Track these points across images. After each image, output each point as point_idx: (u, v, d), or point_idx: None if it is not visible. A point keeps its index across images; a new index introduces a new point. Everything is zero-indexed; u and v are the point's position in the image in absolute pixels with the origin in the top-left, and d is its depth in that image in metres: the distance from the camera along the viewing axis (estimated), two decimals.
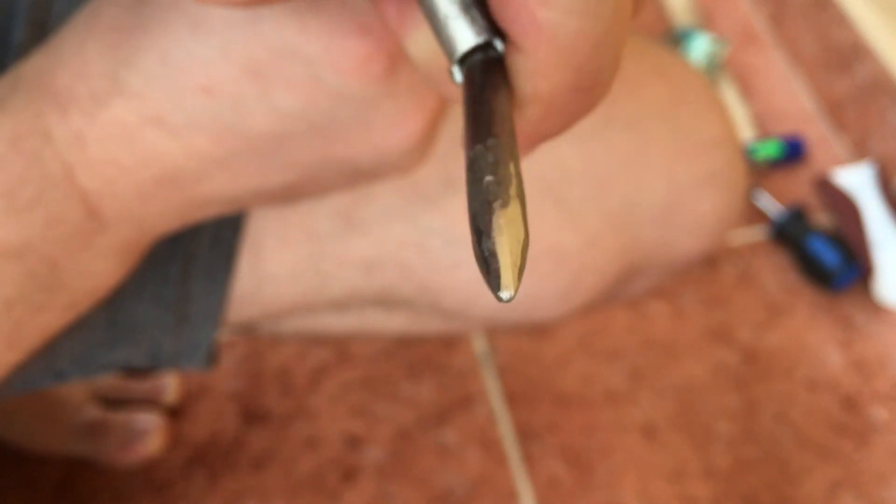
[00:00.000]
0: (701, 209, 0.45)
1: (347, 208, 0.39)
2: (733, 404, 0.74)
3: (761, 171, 0.88)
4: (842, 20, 0.89)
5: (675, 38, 0.93)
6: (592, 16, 0.19)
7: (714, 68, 0.90)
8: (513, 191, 0.17)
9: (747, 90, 0.94)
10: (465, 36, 0.20)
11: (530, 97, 0.20)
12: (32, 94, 0.27)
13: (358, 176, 0.32)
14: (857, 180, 0.85)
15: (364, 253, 0.40)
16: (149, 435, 0.68)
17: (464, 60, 0.20)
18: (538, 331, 0.78)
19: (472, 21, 0.20)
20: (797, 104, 0.94)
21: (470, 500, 0.68)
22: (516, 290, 0.16)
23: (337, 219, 0.39)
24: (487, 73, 0.19)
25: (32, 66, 0.28)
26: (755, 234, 0.85)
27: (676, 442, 0.71)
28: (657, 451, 0.71)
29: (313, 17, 0.25)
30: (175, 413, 0.72)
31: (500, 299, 0.16)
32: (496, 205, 0.16)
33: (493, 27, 0.20)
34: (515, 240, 0.16)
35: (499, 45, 0.20)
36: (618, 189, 0.42)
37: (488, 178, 0.17)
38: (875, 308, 0.80)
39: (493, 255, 0.16)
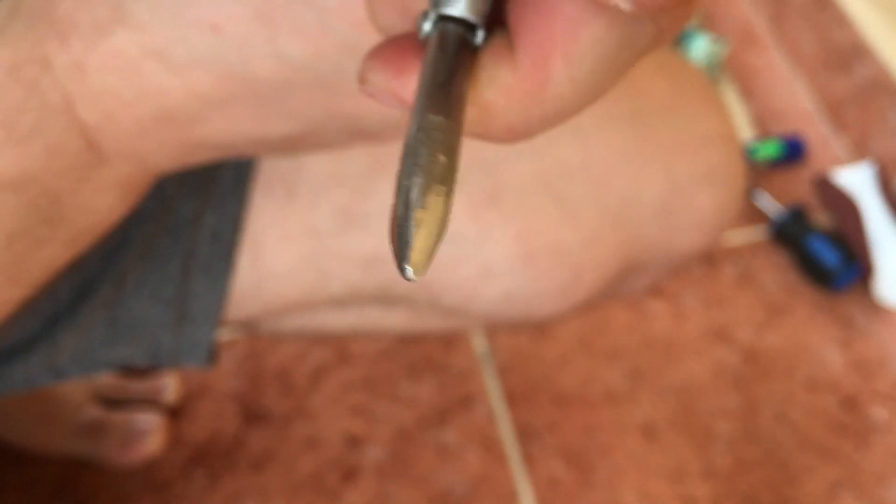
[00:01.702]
0: (700, 205, 0.45)
1: (348, 204, 0.39)
2: (733, 404, 0.74)
3: (761, 171, 0.88)
4: (842, 20, 0.89)
5: (675, 38, 0.93)
6: (600, 82, 0.19)
7: (714, 68, 0.90)
8: (447, 179, 0.17)
9: (747, 90, 0.94)
10: (458, 2, 0.19)
11: (482, 103, 0.19)
12: (32, 20, 0.27)
13: (361, 134, 0.31)
14: (857, 180, 0.85)
15: (364, 249, 0.40)
16: (149, 435, 0.68)
17: (440, 21, 0.19)
18: (538, 329, 0.78)
19: None
20: (797, 104, 0.94)
21: (470, 499, 0.68)
22: (423, 273, 0.16)
23: (337, 215, 0.39)
24: (461, 50, 0.18)
25: None
26: (755, 234, 0.85)
27: (676, 442, 0.71)
28: (657, 451, 0.71)
29: None
30: (175, 413, 0.72)
31: (403, 274, 0.16)
32: (427, 185, 0.16)
33: (486, 18, 0.19)
34: (434, 225, 0.16)
35: (480, 36, 0.19)
36: (617, 185, 0.42)
37: (428, 156, 0.17)
38: (875, 308, 0.80)
39: (408, 232, 0.16)
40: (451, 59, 0.18)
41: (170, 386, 0.72)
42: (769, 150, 0.86)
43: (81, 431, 0.67)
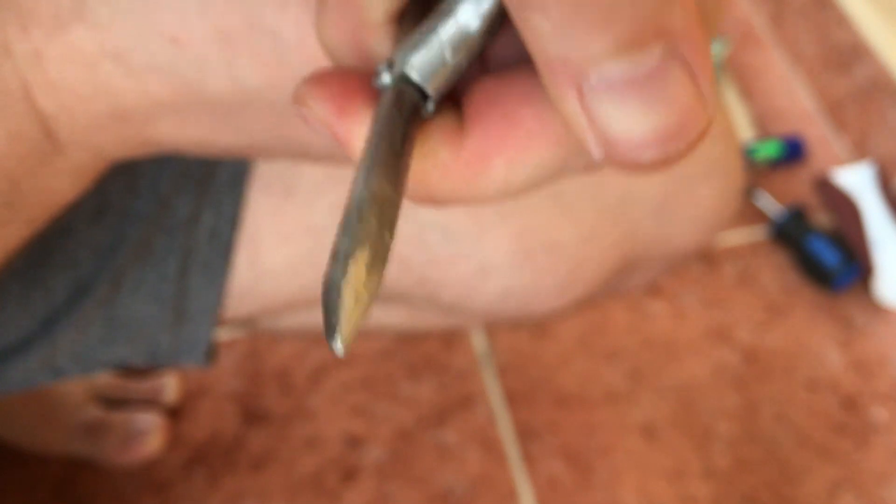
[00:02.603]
0: (698, 202, 0.45)
1: (343, 202, 0.40)
2: (733, 404, 0.74)
3: (761, 171, 0.88)
4: (842, 20, 0.89)
5: None
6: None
7: (715, 68, 0.90)
8: (383, 253, 0.16)
9: (747, 90, 0.94)
10: (426, 67, 0.18)
11: (418, 171, 0.19)
12: None
13: (307, 157, 0.32)
14: (856, 180, 0.85)
15: None
16: (149, 435, 0.68)
17: (400, 80, 0.19)
18: (538, 329, 0.78)
19: (442, 65, 0.19)
20: (797, 104, 0.94)
21: (470, 499, 0.68)
22: (349, 344, 0.16)
23: (334, 213, 0.39)
24: (414, 117, 0.18)
25: None
26: (755, 234, 0.85)
27: (676, 442, 0.71)
28: (657, 451, 0.71)
29: (294, 1, 0.25)
30: (175, 413, 0.72)
31: (330, 345, 0.16)
32: (362, 256, 0.16)
33: (442, 95, 0.19)
34: (362, 300, 0.16)
35: (431, 107, 0.19)
36: (615, 182, 0.42)
37: (369, 227, 0.16)
38: (875, 308, 0.80)
39: (336, 303, 0.16)
40: (405, 126, 0.18)
41: (170, 386, 0.72)
42: (769, 150, 0.86)
43: (81, 431, 0.67)
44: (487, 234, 0.40)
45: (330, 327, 0.16)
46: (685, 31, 0.15)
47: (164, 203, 0.37)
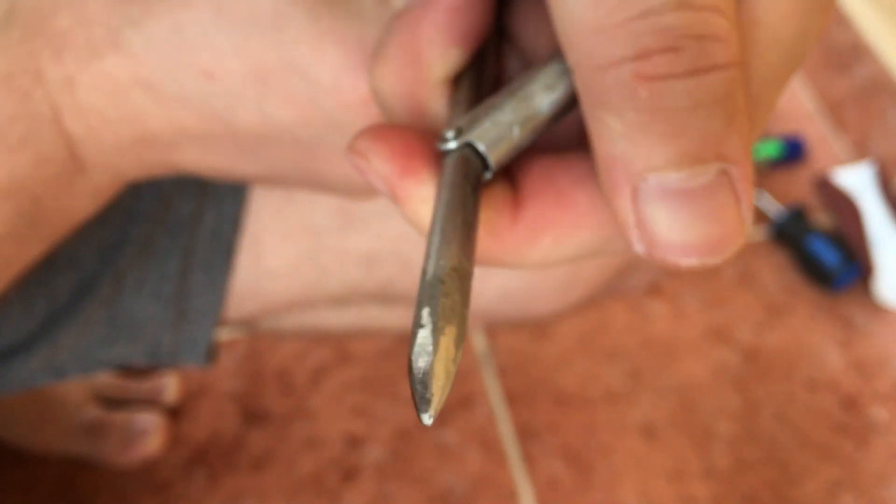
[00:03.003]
0: None
1: (347, 204, 0.39)
2: (733, 404, 0.74)
3: (761, 171, 0.88)
4: (842, 20, 0.89)
5: None
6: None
7: None
8: (463, 324, 0.17)
9: None
10: (493, 140, 0.19)
11: None
12: (28, 31, 0.27)
13: (325, 190, 0.32)
14: (856, 180, 0.85)
15: (363, 247, 0.40)
16: (149, 435, 0.68)
17: (465, 146, 0.19)
18: (538, 329, 0.78)
19: (508, 140, 0.19)
20: (797, 104, 0.94)
21: (470, 499, 0.68)
22: (437, 413, 0.17)
23: (336, 214, 0.39)
24: (478, 186, 0.19)
25: (30, 1, 0.28)
26: (755, 233, 0.85)
27: (676, 442, 0.71)
28: (657, 451, 0.71)
29: (332, 45, 0.26)
30: (175, 413, 0.72)
31: (422, 420, 0.17)
32: (445, 331, 0.16)
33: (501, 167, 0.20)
34: (450, 371, 0.17)
35: (488, 176, 0.20)
36: None
37: (448, 302, 0.17)
38: (875, 308, 0.80)
39: (429, 379, 0.16)
40: (474, 196, 0.19)
41: (170, 386, 0.72)
42: (769, 150, 0.86)
43: (81, 431, 0.67)
44: None
45: (423, 402, 0.16)
46: (739, 157, 0.17)
47: (166, 202, 0.37)
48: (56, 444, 0.68)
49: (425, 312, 0.16)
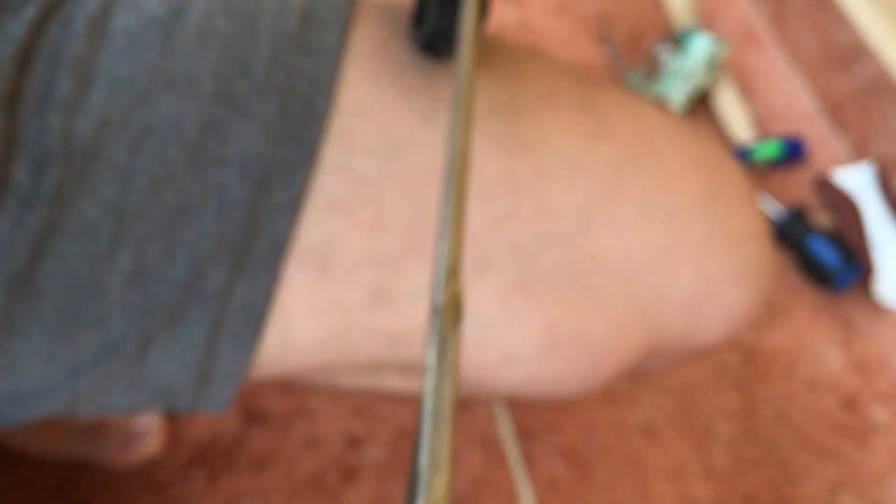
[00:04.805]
0: (727, 302, 0.45)
1: (379, 283, 0.40)
2: (733, 404, 0.74)
3: (761, 172, 0.88)
4: (842, 20, 0.89)
5: (675, 39, 0.93)
6: None
7: (714, 68, 0.90)
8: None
9: (747, 90, 0.94)
10: None
11: None
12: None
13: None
14: (857, 180, 0.85)
15: (391, 328, 0.40)
16: (148, 436, 0.68)
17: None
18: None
19: None
20: (797, 104, 0.94)
21: (470, 500, 0.68)
22: None
23: (368, 293, 0.40)
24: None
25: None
26: None
27: (676, 442, 0.71)
28: (657, 451, 0.71)
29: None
30: (174, 414, 0.72)
31: None
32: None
33: None
34: None
35: None
36: (648, 279, 0.43)
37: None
38: (875, 308, 0.80)
39: None
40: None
41: None
42: (769, 150, 0.86)
43: (80, 433, 0.67)
44: (518, 323, 0.41)
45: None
46: None
47: (200, 272, 0.37)
48: (55, 447, 0.68)
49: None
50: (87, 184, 0.35)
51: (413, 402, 0.73)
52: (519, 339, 0.41)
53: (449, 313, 0.20)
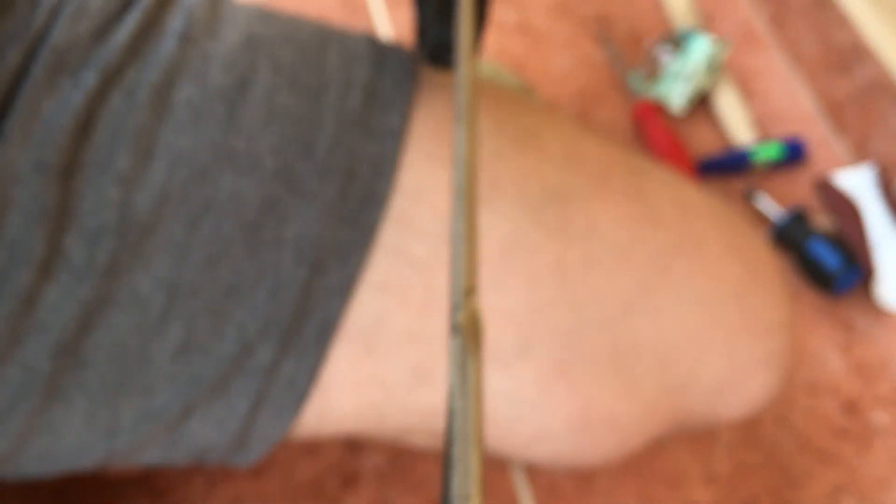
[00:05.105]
0: (753, 387, 0.46)
1: (421, 362, 0.40)
2: None
3: (762, 173, 0.87)
4: (842, 21, 0.88)
5: (675, 40, 0.92)
6: None
7: (715, 70, 0.90)
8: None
9: (748, 91, 0.94)
10: None
11: None
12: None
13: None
14: (857, 182, 0.85)
15: (427, 404, 0.41)
16: None
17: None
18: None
19: None
20: (798, 105, 0.94)
21: None
22: None
23: (409, 371, 0.40)
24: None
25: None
26: None
27: (677, 447, 0.71)
28: (657, 456, 0.71)
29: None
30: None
31: None
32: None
33: None
34: None
35: None
36: (681, 363, 0.44)
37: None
38: (876, 311, 0.80)
39: None
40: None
41: None
42: (770, 152, 0.86)
43: None
44: (553, 404, 0.42)
45: None
46: None
47: (248, 348, 0.38)
48: None
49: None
50: (141, 257, 0.35)
51: None
52: (552, 420, 0.41)
53: (469, 333, 0.20)
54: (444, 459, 0.17)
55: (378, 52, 0.40)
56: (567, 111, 0.92)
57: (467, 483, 0.17)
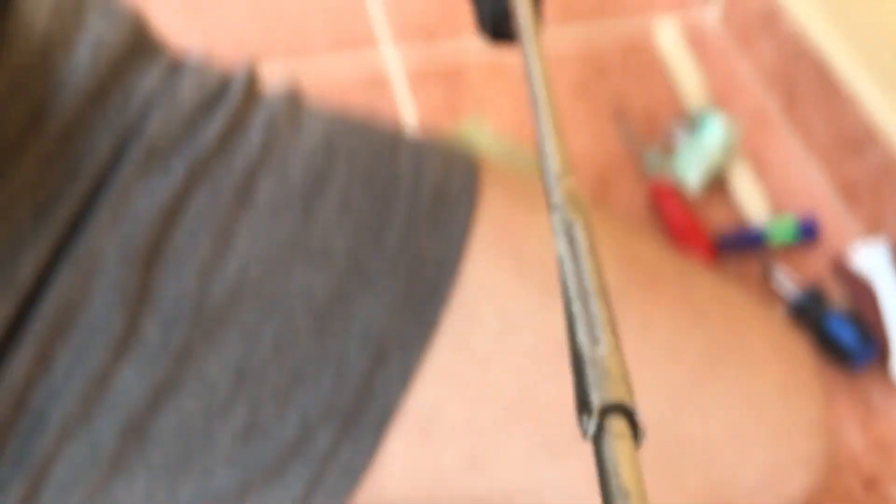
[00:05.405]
0: (791, 486, 0.48)
1: (475, 450, 0.41)
2: None
3: (776, 253, 0.90)
4: (852, 105, 0.91)
5: (690, 121, 0.96)
6: None
7: (730, 149, 0.93)
8: None
9: (762, 171, 0.97)
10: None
11: None
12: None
13: None
14: (871, 260, 0.87)
15: (480, 490, 0.42)
16: None
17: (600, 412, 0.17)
18: None
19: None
20: (811, 185, 0.97)
21: None
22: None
23: (464, 459, 0.41)
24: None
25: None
26: None
27: None
28: None
29: None
30: None
31: None
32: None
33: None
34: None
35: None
36: (724, 461, 0.45)
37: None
38: (892, 387, 0.81)
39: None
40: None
41: None
42: (784, 234, 0.88)
43: None
44: (599, 499, 0.42)
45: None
46: None
47: (309, 433, 0.39)
48: None
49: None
50: (213, 344, 0.36)
51: None
52: None
53: (570, 205, 0.20)
54: (566, 318, 0.17)
55: (446, 154, 0.42)
56: (585, 190, 0.94)
57: (594, 331, 0.17)
